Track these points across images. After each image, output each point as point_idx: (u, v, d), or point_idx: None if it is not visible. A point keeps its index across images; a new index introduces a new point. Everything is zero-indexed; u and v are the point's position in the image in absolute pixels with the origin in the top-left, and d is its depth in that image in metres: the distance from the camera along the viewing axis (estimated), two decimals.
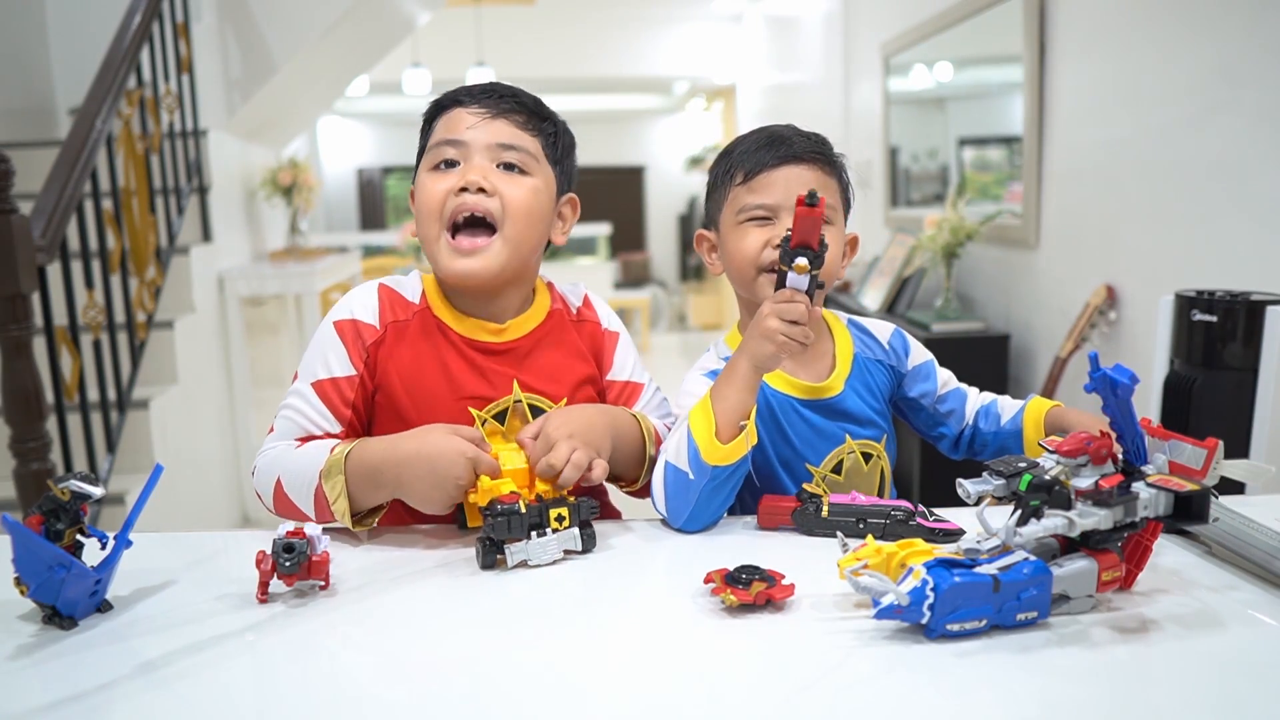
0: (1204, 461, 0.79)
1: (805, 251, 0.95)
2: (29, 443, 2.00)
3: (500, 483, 0.94)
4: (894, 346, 1.21)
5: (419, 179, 1.10)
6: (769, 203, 1.10)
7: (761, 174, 1.11)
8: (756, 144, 1.13)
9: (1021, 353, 2.76)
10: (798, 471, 1.14)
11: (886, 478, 1.19)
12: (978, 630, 0.75)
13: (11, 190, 1.94)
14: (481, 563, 0.91)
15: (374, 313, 1.09)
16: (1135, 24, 2.16)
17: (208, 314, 3.43)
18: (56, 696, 0.70)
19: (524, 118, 1.09)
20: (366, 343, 1.07)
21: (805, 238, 0.95)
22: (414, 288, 1.12)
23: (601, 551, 0.97)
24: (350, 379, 1.06)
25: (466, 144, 1.07)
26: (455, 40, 6.75)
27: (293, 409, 1.06)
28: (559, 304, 1.17)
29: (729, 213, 1.14)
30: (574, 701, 0.69)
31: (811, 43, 5.06)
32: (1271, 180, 1.76)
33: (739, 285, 1.16)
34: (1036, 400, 1.17)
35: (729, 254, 1.14)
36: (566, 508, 0.93)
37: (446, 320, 1.10)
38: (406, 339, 1.08)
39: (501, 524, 0.90)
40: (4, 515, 0.79)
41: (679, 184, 10.10)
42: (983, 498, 0.79)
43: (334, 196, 9.80)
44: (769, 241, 1.10)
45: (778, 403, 1.14)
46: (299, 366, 1.09)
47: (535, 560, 0.91)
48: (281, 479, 1.01)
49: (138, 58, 2.82)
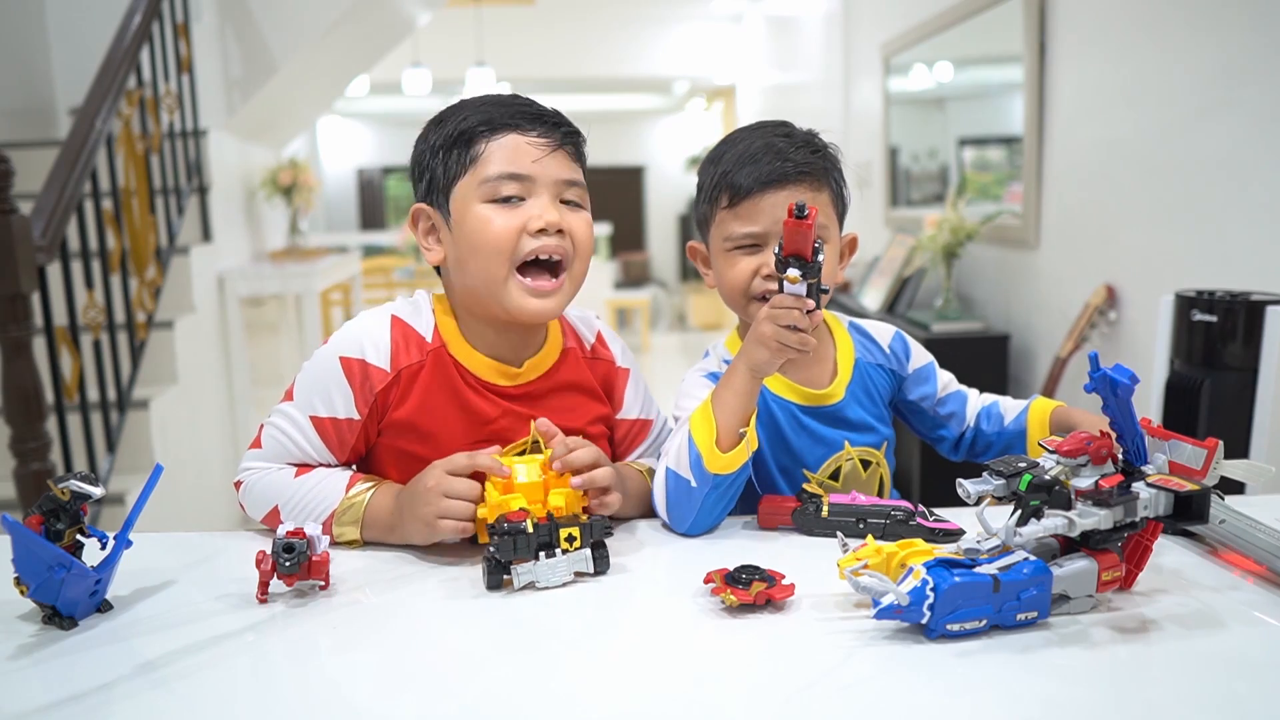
0: (1204, 461, 0.79)
1: (797, 262, 0.93)
2: (29, 443, 2.00)
3: (510, 498, 0.90)
4: (894, 350, 1.21)
5: (474, 211, 1.00)
6: (756, 230, 1.07)
7: (748, 200, 1.07)
8: (745, 158, 1.07)
9: (1021, 353, 2.76)
10: (795, 477, 1.14)
11: (885, 484, 1.19)
12: (978, 630, 0.75)
13: (11, 190, 1.94)
14: (487, 583, 0.87)
15: (386, 355, 1.02)
16: (1135, 24, 2.16)
17: (208, 314, 3.43)
18: (56, 696, 0.70)
19: (575, 148, 1.06)
20: (375, 389, 1.01)
21: (796, 249, 0.93)
22: (428, 321, 1.05)
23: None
24: (352, 423, 1.02)
25: (533, 179, 1.01)
26: (455, 40, 6.75)
27: (286, 435, 1.02)
28: (572, 341, 1.13)
29: (716, 236, 1.11)
30: (574, 700, 0.69)
31: (811, 43, 5.06)
32: (1271, 180, 1.76)
33: (731, 308, 1.14)
34: (1040, 400, 1.17)
35: (719, 278, 1.12)
36: (578, 527, 0.87)
37: (462, 360, 1.05)
38: (419, 382, 1.03)
39: (507, 544, 0.84)
40: (4, 515, 0.79)
41: (679, 184, 10.10)
42: (983, 498, 0.79)
43: (334, 196, 9.80)
44: (758, 270, 1.07)
45: (779, 408, 1.13)
46: (296, 384, 1.03)
47: (543, 582, 0.86)
48: (280, 507, 1.01)
49: (138, 58, 2.82)
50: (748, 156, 1.07)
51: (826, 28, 4.73)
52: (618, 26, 7.28)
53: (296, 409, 1.03)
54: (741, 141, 1.10)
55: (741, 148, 1.09)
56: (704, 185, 1.13)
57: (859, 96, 4.29)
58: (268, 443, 1.04)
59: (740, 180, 1.07)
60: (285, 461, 1.04)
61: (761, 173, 1.06)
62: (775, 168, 1.06)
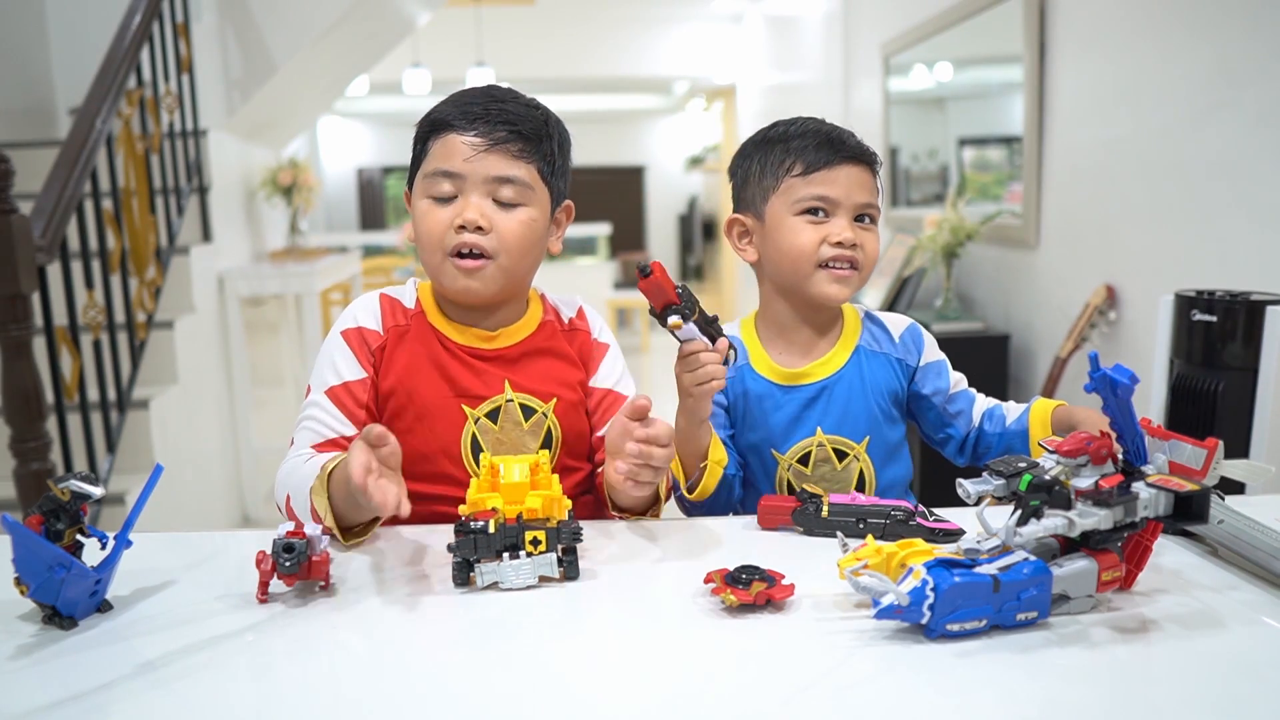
0: (1204, 461, 0.80)
1: (671, 309, 0.99)
2: (29, 443, 2.00)
3: (487, 496, 0.90)
4: (906, 340, 1.22)
5: (418, 204, 1.10)
6: (830, 195, 1.15)
7: (823, 169, 1.15)
8: (815, 141, 1.16)
9: (1021, 353, 2.76)
10: (765, 457, 1.18)
11: (869, 483, 1.18)
12: (978, 630, 0.75)
13: (11, 190, 1.94)
14: (454, 580, 0.88)
15: (376, 319, 1.13)
16: (1135, 24, 2.16)
17: (208, 314, 3.43)
18: (56, 696, 0.70)
19: (520, 145, 1.08)
20: (372, 347, 1.12)
21: (664, 301, 0.99)
22: (411, 295, 1.16)
23: (602, 551, 0.97)
24: (362, 381, 1.11)
25: (463, 177, 1.07)
26: (455, 40, 6.75)
27: (310, 418, 1.09)
28: (551, 315, 1.20)
29: (782, 201, 1.17)
30: (574, 701, 0.69)
31: (811, 43, 5.06)
32: (1271, 180, 1.76)
33: (788, 276, 1.18)
34: (1042, 401, 1.17)
35: (779, 245, 1.17)
36: (544, 531, 0.87)
37: (441, 328, 1.14)
38: (405, 343, 1.13)
39: (468, 543, 0.86)
40: (4, 515, 0.79)
41: (679, 184, 10.10)
42: (983, 498, 0.79)
43: (334, 196, 9.81)
44: (825, 238, 1.15)
45: (753, 383, 1.18)
46: (310, 380, 1.12)
47: (506, 583, 0.86)
48: (290, 496, 1.03)
49: (138, 58, 2.82)
50: (820, 138, 1.17)
51: (826, 28, 4.73)
52: (618, 26, 7.28)
53: (315, 392, 1.10)
54: (803, 128, 1.18)
55: (810, 133, 1.17)
56: (763, 161, 1.19)
57: (859, 96, 4.29)
58: (299, 435, 1.10)
59: (817, 153, 1.16)
60: (313, 445, 1.08)
61: (835, 149, 1.16)
62: (846, 148, 1.16)
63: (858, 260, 1.15)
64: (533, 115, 1.11)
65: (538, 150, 1.09)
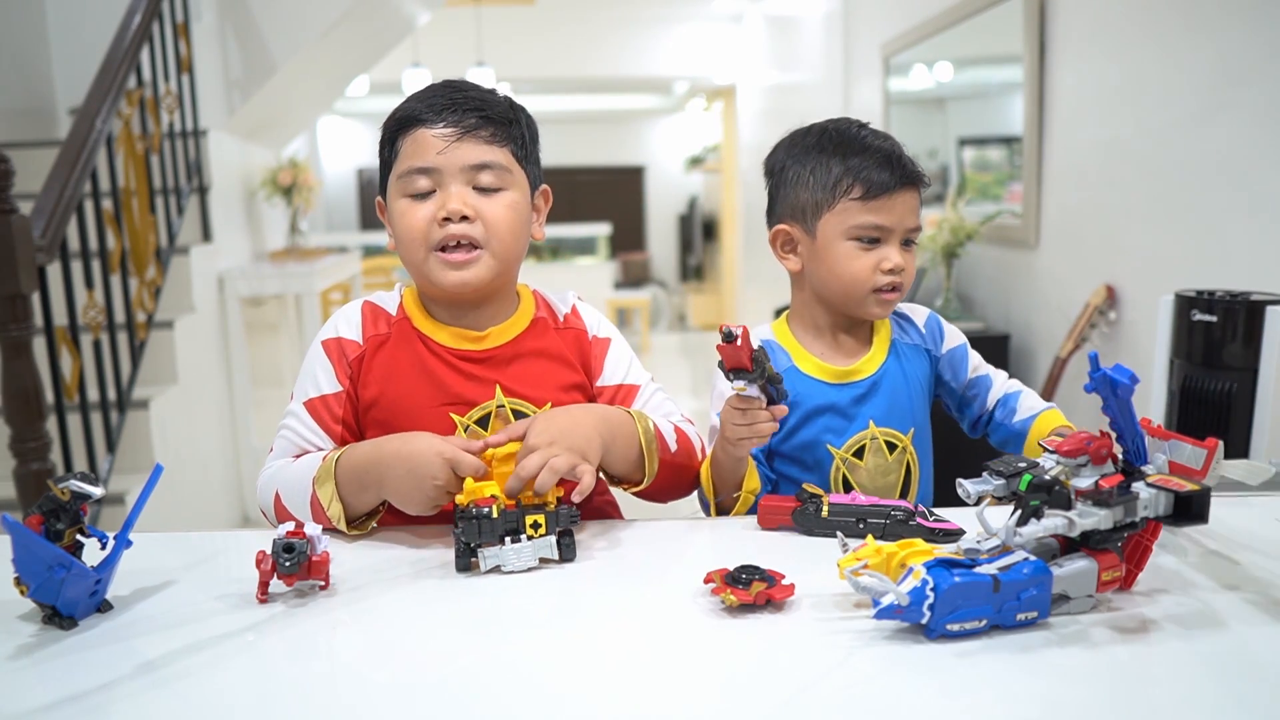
0: (1204, 461, 0.79)
1: (742, 374, 0.99)
2: (29, 443, 2.00)
3: (484, 485, 0.92)
4: (930, 329, 1.26)
5: (394, 205, 1.08)
6: (886, 224, 1.15)
7: (883, 196, 1.14)
8: (875, 160, 1.14)
9: (1021, 353, 2.76)
10: (820, 454, 1.18)
11: (914, 473, 1.20)
12: (978, 630, 0.75)
13: (11, 190, 1.94)
14: (457, 565, 0.91)
15: (357, 328, 1.11)
16: (1135, 24, 2.16)
17: (208, 314, 3.43)
18: (56, 696, 0.70)
19: (491, 130, 1.07)
20: (350, 358, 1.09)
21: (736, 364, 0.98)
22: (394, 301, 1.14)
23: (602, 550, 0.97)
24: (338, 395, 1.08)
25: (439, 170, 1.05)
26: (455, 40, 6.75)
27: (288, 428, 1.09)
28: (543, 312, 1.17)
29: (837, 222, 1.16)
30: (575, 701, 0.69)
31: (811, 43, 5.06)
32: (1271, 180, 1.76)
33: (837, 297, 1.19)
34: (1052, 413, 1.19)
35: (833, 269, 1.17)
36: (544, 515, 0.91)
37: (426, 331, 1.11)
38: (386, 349, 1.10)
39: (471, 527, 0.89)
40: (4, 515, 0.79)
41: (679, 184, 10.09)
42: (983, 498, 0.79)
43: (334, 196, 9.80)
44: (878, 265, 1.15)
45: (804, 384, 1.18)
46: (294, 386, 1.11)
47: (509, 566, 0.90)
48: (280, 492, 1.03)
49: (138, 58, 2.82)
50: (879, 156, 1.15)
51: (826, 28, 4.73)
52: (618, 26, 7.28)
53: (295, 403, 1.10)
54: (862, 144, 1.16)
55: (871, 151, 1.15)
56: (820, 173, 1.17)
57: (859, 96, 4.29)
58: (277, 443, 1.09)
59: (878, 177, 1.14)
60: (290, 455, 1.08)
61: (893, 171, 1.15)
62: (905, 171, 1.15)
63: (902, 284, 1.17)
64: (499, 100, 1.10)
65: (509, 133, 1.09)
